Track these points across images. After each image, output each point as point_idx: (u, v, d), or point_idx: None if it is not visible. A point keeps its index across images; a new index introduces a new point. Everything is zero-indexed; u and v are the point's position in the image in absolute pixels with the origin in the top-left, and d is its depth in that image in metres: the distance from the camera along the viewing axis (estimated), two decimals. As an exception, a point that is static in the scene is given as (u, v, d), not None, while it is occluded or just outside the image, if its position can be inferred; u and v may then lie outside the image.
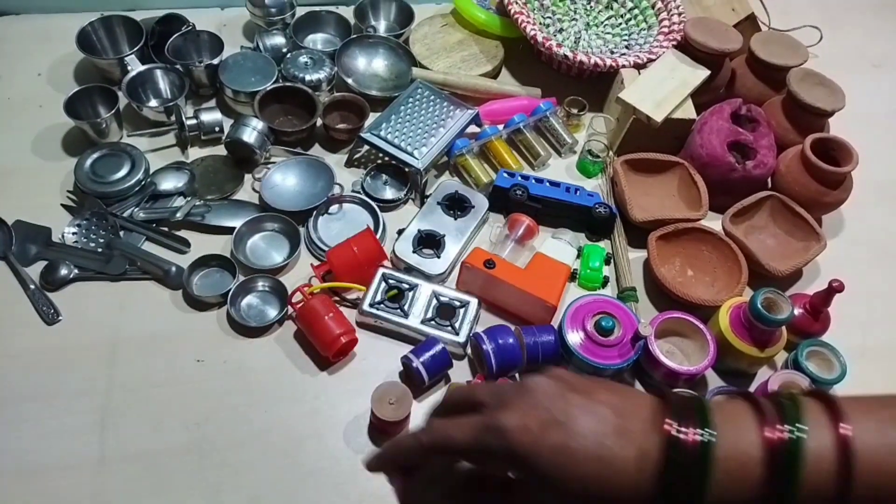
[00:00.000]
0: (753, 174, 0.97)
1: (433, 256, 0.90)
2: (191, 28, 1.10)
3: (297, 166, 0.98)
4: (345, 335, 0.80)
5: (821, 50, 1.19)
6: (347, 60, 1.12)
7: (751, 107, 1.01)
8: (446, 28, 1.18)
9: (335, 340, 0.80)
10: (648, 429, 0.39)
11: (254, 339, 0.84)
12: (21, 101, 1.06)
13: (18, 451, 0.74)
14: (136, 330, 0.83)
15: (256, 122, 0.97)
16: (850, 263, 0.98)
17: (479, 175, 0.99)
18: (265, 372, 0.81)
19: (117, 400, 0.78)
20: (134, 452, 0.74)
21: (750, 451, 0.38)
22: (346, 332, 0.81)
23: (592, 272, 0.92)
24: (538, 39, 1.07)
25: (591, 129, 1.05)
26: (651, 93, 0.99)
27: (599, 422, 0.40)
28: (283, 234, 0.93)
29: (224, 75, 1.03)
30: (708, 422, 0.38)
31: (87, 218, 0.91)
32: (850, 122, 1.04)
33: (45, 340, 0.82)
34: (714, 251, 0.93)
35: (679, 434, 0.38)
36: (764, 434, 0.38)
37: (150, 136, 1.01)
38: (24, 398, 0.77)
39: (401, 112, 1.00)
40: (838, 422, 0.38)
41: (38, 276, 0.86)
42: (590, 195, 0.97)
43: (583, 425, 0.39)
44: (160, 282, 0.87)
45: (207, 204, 0.94)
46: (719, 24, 1.07)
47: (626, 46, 1.17)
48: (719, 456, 0.38)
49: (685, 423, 0.38)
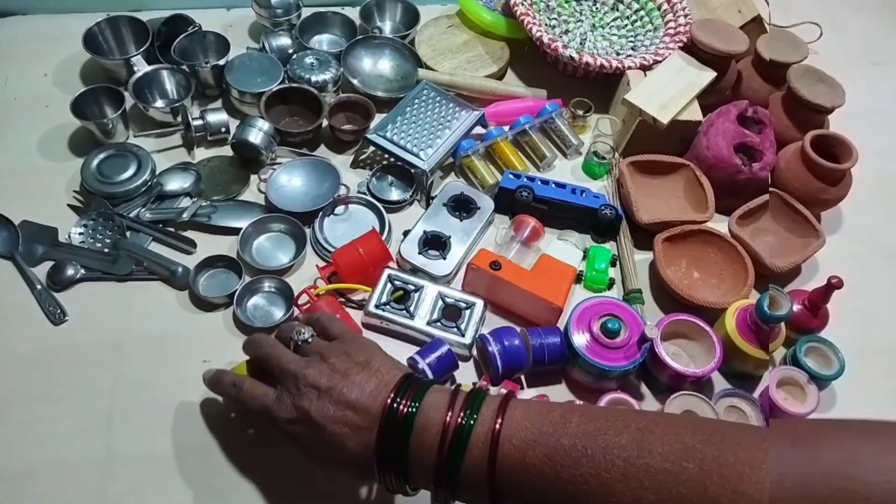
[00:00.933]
0: (760, 176, 0.97)
1: (439, 258, 0.90)
2: (197, 29, 1.10)
3: (302, 167, 0.99)
4: None
5: (821, 46, 1.19)
6: (353, 61, 1.12)
7: (757, 109, 1.01)
8: (452, 29, 1.18)
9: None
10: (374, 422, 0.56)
11: (260, 339, 0.84)
12: (27, 102, 1.06)
13: (24, 450, 0.74)
14: (142, 330, 0.83)
15: (262, 123, 0.97)
16: (849, 260, 0.98)
17: (485, 176, 0.99)
18: (271, 373, 0.81)
19: (124, 400, 0.78)
20: (140, 453, 0.74)
21: (433, 428, 0.53)
22: None
23: (598, 274, 0.92)
24: (544, 41, 1.07)
25: (597, 130, 1.05)
26: (657, 94, 0.99)
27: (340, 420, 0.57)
28: (289, 234, 0.93)
29: (230, 76, 1.03)
30: (418, 399, 0.55)
31: (93, 218, 0.91)
32: (850, 119, 1.04)
33: (52, 340, 0.82)
34: (720, 253, 0.93)
35: (395, 405, 0.55)
36: (445, 416, 0.53)
37: (157, 136, 1.02)
38: (31, 398, 0.77)
39: (406, 113, 1.00)
40: (497, 416, 0.52)
41: (44, 276, 0.86)
42: (595, 197, 0.97)
43: (329, 425, 0.57)
44: (166, 282, 0.87)
45: (213, 204, 0.94)
46: (726, 25, 1.07)
47: (632, 48, 1.17)
48: (416, 426, 0.54)
49: (405, 398, 0.56)
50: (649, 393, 0.84)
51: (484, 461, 0.51)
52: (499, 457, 0.50)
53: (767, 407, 0.80)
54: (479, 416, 0.53)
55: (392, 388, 0.58)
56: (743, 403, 0.81)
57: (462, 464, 0.52)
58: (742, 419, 0.80)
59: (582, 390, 0.83)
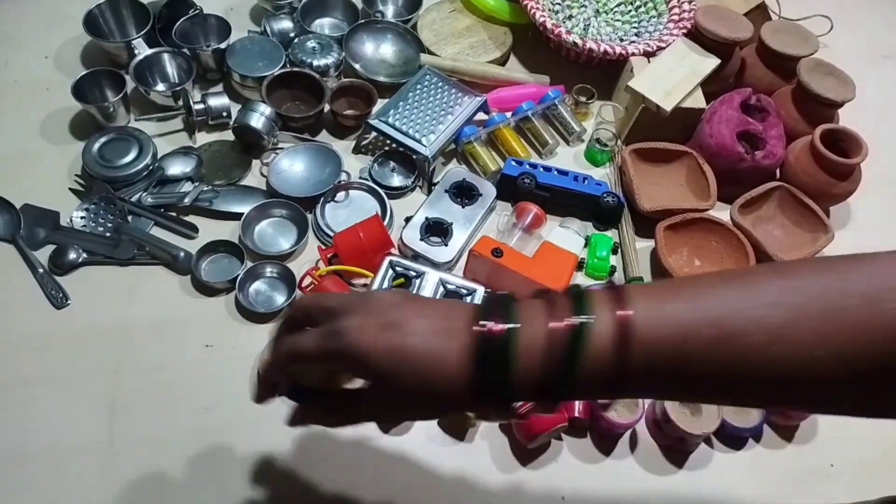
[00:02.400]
0: (762, 164, 0.97)
1: (440, 244, 0.90)
2: (198, 12, 1.09)
3: (304, 152, 0.98)
4: None
5: (831, 40, 1.18)
6: (355, 46, 1.12)
7: (760, 96, 1.00)
8: (454, 14, 1.17)
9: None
10: (468, 325, 0.45)
11: (262, 324, 0.84)
12: (28, 85, 1.05)
13: (28, 434, 0.74)
14: (144, 315, 0.84)
15: (264, 108, 0.97)
16: (858, 255, 0.98)
17: (487, 163, 0.99)
18: (273, 358, 0.82)
19: (126, 384, 0.78)
20: (143, 436, 0.75)
21: (538, 337, 0.44)
22: None
23: (600, 261, 0.92)
24: (547, 26, 1.06)
25: (600, 117, 1.04)
26: (660, 81, 0.99)
27: (429, 323, 0.46)
28: (290, 220, 0.93)
29: (231, 60, 1.03)
30: (511, 316, 0.45)
31: (95, 202, 0.91)
32: (860, 113, 1.04)
33: (54, 324, 0.82)
34: (722, 241, 0.93)
35: (487, 327, 0.45)
36: (549, 324, 0.44)
37: (158, 120, 1.01)
38: (34, 382, 0.78)
39: (409, 99, 1.00)
40: (620, 307, 0.44)
41: (46, 260, 0.86)
42: (598, 184, 0.96)
43: (415, 326, 0.46)
44: (168, 267, 0.88)
45: (215, 189, 0.94)
46: (730, 12, 1.07)
47: (635, 34, 1.16)
48: (519, 343, 0.44)
49: (494, 318, 0.45)
50: (649, 380, 0.84)
51: (610, 351, 0.44)
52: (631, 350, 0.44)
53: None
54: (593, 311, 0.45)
55: (474, 306, 0.48)
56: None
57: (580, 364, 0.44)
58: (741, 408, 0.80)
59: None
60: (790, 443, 0.81)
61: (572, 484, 0.76)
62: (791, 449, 0.81)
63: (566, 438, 0.79)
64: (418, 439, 0.77)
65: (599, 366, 0.44)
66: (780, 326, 0.42)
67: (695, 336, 0.43)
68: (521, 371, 0.45)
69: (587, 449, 0.78)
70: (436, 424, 0.78)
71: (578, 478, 0.76)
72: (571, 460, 0.78)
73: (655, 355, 0.44)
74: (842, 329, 0.42)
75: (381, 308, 0.47)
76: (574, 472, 0.77)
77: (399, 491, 0.74)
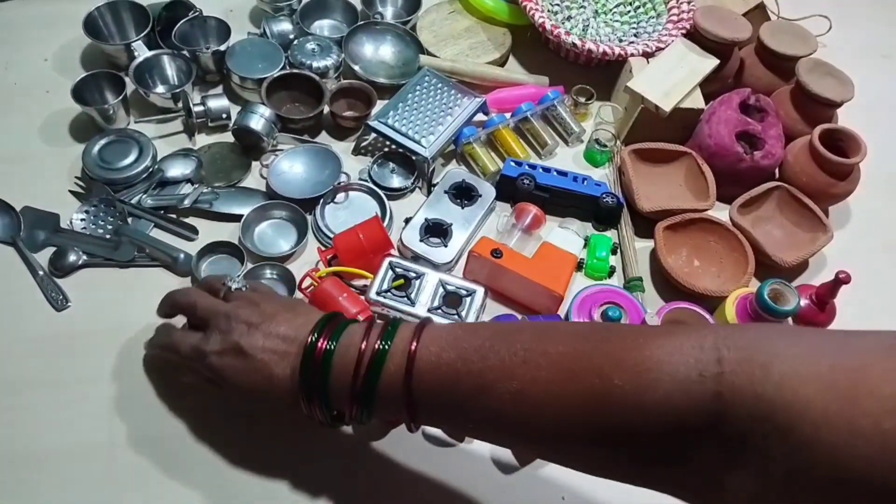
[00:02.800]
0: (761, 164, 0.97)
1: (440, 245, 0.90)
2: (198, 14, 1.09)
3: (304, 154, 0.98)
4: (361, 313, 0.81)
5: (830, 40, 1.18)
6: (355, 47, 1.12)
7: (759, 97, 1.01)
8: (454, 15, 1.18)
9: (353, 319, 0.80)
10: (301, 345, 0.59)
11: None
12: (28, 87, 1.05)
13: (27, 436, 0.74)
14: (145, 316, 0.83)
15: (264, 110, 0.97)
16: (857, 255, 0.98)
17: (487, 164, 0.99)
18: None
19: (126, 386, 0.78)
20: (144, 438, 0.75)
21: (351, 355, 0.57)
22: (363, 311, 0.82)
23: (599, 262, 0.92)
24: (546, 27, 1.07)
25: (599, 118, 1.04)
26: (659, 82, 0.99)
27: (270, 349, 0.61)
28: (290, 221, 0.93)
29: (231, 62, 1.03)
30: (336, 336, 0.59)
31: (94, 204, 0.91)
32: (859, 113, 1.04)
33: (55, 326, 0.82)
34: (721, 242, 0.93)
35: (313, 342, 0.59)
36: (360, 344, 0.57)
37: (158, 122, 1.01)
38: (34, 384, 0.78)
39: (408, 100, 1.00)
40: (412, 340, 0.55)
41: (46, 262, 0.86)
42: (597, 185, 0.97)
43: (258, 355, 0.60)
44: (168, 268, 0.88)
45: (215, 191, 0.94)
46: (729, 12, 1.07)
47: (634, 35, 1.17)
48: (335, 360, 0.58)
49: (323, 336, 0.59)
50: (649, 380, 0.84)
51: (401, 376, 0.55)
52: (415, 366, 0.55)
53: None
54: (394, 340, 0.57)
55: (313, 326, 0.61)
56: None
57: (378, 383, 0.56)
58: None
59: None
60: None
61: (572, 484, 0.76)
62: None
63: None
64: (417, 440, 0.77)
65: (393, 388, 0.55)
66: (523, 383, 0.50)
67: (460, 384, 0.53)
68: (334, 382, 0.58)
69: (587, 449, 0.78)
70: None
71: (578, 478, 0.76)
72: (571, 461, 0.78)
73: (430, 394, 0.55)
74: (571, 393, 0.49)
75: (236, 333, 0.62)
76: (574, 473, 0.76)
77: (398, 491, 0.74)
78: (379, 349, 0.56)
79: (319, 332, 0.59)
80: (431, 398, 0.55)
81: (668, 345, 0.46)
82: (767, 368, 0.41)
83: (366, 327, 0.59)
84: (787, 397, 0.39)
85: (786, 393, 0.39)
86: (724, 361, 0.43)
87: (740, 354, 0.42)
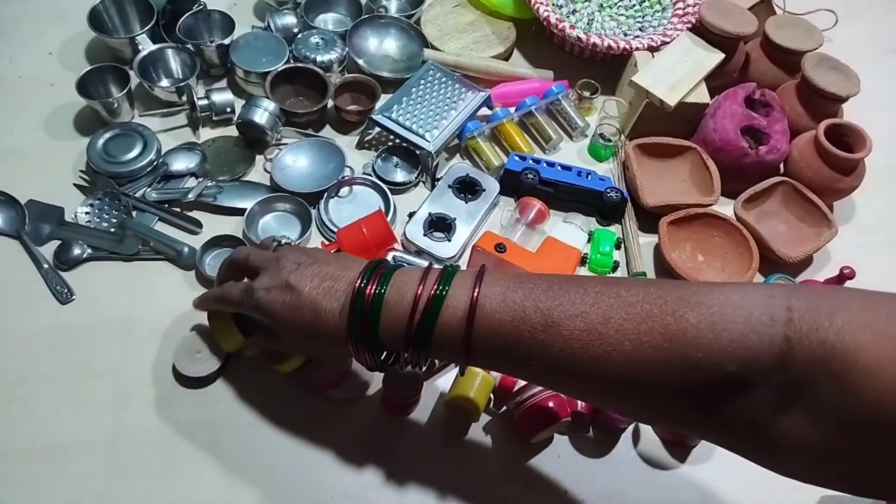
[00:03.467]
0: (766, 159, 0.96)
1: (444, 240, 0.90)
2: (202, 7, 1.09)
3: (308, 148, 0.99)
4: None
5: (836, 34, 1.18)
6: (359, 41, 1.12)
7: (765, 91, 1.00)
8: (458, 9, 1.17)
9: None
10: (350, 286, 0.59)
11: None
12: (32, 80, 1.05)
13: (33, 429, 0.75)
14: (149, 310, 0.84)
15: (268, 103, 0.97)
16: (862, 250, 0.97)
17: (491, 158, 0.99)
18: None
19: (131, 379, 0.79)
20: (148, 431, 0.75)
21: (405, 300, 0.56)
22: None
23: (603, 257, 0.92)
24: (551, 21, 1.06)
25: (604, 112, 1.04)
26: (664, 76, 0.99)
27: (317, 286, 0.60)
28: (294, 214, 0.93)
29: (235, 55, 1.03)
30: (385, 281, 0.58)
31: (99, 198, 0.91)
32: (865, 108, 1.03)
33: (59, 320, 0.82)
34: (725, 237, 0.93)
35: (362, 287, 0.58)
36: (417, 289, 0.56)
37: (162, 116, 1.01)
38: (39, 377, 0.78)
39: (412, 94, 1.00)
40: (474, 285, 0.55)
41: (51, 255, 0.87)
42: (601, 179, 0.96)
43: (305, 288, 0.60)
44: (173, 262, 0.88)
45: (219, 185, 0.94)
46: (734, 6, 1.06)
47: (639, 29, 1.16)
48: (387, 303, 0.57)
49: (372, 281, 0.58)
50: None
51: (461, 320, 0.54)
52: (479, 309, 0.54)
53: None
54: (453, 284, 0.56)
55: (362, 269, 0.60)
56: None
57: (436, 327, 0.55)
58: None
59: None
60: (793, 438, 0.81)
61: (575, 479, 0.76)
62: (794, 444, 0.80)
63: (569, 433, 0.79)
64: (420, 435, 0.78)
65: (452, 332, 0.55)
66: (594, 323, 0.50)
67: (527, 319, 0.52)
68: (385, 326, 0.57)
69: (590, 444, 0.79)
70: (437, 421, 0.79)
71: (581, 473, 0.77)
72: (574, 456, 0.78)
73: (495, 331, 0.54)
74: (645, 331, 0.49)
75: (285, 271, 0.62)
76: (577, 468, 0.77)
77: (400, 487, 0.74)
78: (437, 293, 0.55)
79: (368, 277, 0.59)
80: (494, 339, 0.54)
81: (741, 291, 0.49)
82: (832, 316, 0.43)
83: (420, 273, 0.58)
84: (845, 343, 0.42)
85: (845, 338, 0.42)
86: (793, 309, 0.45)
87: (809, 304, 0.45)
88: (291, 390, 0.79)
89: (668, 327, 0.48)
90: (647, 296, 0.51)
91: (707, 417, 0.50)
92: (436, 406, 0.79)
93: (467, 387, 0.75)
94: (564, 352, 0.51)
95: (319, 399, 0.78)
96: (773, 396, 0.45)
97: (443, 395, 0.80)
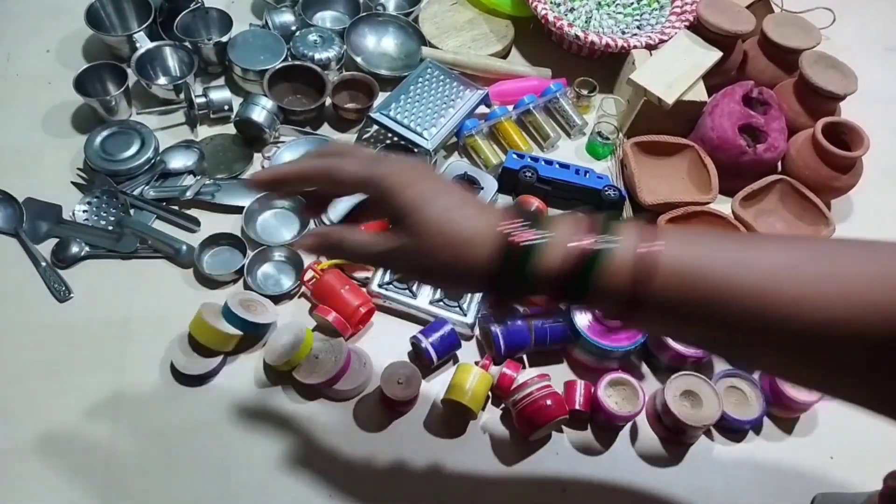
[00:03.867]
0: (764, 157, 0.97)
1: (442, 237, 0.90)
2: (199, 5, 1.09)
3: (306, 145, 0.98)
4: (363, 305, 0.82)
5: (833, 32, 1.18)
6: (357, 39, 1.12)
7: (762, 90, 1.00)
8: (456, 7, 1.17)
9: (355, 312, 0.81)
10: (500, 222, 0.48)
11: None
12: (30, 78, 1.05)
13: (31, 427, 0.75)
14: (147, 307, 0.84)
15: (266, 101, 0.97)
16: (859, 248, 0.97)
17: (489, 156, 0.99)
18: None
19: (130, 377, 0.79)
20: (147, 429, 0.75)
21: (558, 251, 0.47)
22: (364, 303, 0.82)
23: (601, 254, 0.92)
24: (549, 19, 1.06)
25: (602, 110, 1.04)
26: (662, 74, 0.99)
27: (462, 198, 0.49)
28: (293, 211, 0.93)
29: (233, 53, 1.03)
30: (540, 226, 0.48)
31: (97, 196, 0.91)
32: (862, 106, 1.03)
33: (57, 317, 0.82)
34: (723, 235, 0.93)
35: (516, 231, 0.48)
36: (573, 239, 0.47)
37: (160, 113, 1.01)
38: (37, 375, 0.78)
39: (410, 92, 1.00)
40: (650, 239, 0.47)
41: (49, 253, 0.87)
42: (599, 177, 0.96)
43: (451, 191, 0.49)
44: (171, 260, 0.88)
45: (217, 183, 0.94)
46: (732, 4, 1.06)
47: (637, 27, 1.16)
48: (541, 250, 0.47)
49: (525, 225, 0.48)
50: (650, 373, 0.84)
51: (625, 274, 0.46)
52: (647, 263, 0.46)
53: (768, 388, 0.80)
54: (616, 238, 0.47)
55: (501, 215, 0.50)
56: (743, 384, 0.81)
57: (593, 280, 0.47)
58: (741, 400, 0.80)
59: (583, 370, 0.83)
60: (790, 435, 0.81)
61: (573, 476, 0.76)
62: (791, 441, 0.81)
63: (567, 431, 0.79)
64: (419, 431, 0.78)
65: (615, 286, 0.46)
66: (808, 279, 0.44)
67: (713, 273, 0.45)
68: (534, 276, 0.47)
69: (588, 441, 0.79)
70: (436, 418, 0.79)
71: (579, 470, 0.77)
72: (572, 452, 0.78)
73: (679, 275, 0.46)
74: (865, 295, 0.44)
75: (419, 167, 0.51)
76: (575, 465, 0.77)
77: (400, 484, 0.74)
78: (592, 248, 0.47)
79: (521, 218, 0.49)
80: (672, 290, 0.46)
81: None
82: None
83: (579, 221, 0.49)
84: None
85: None
86: None
87: None
88: (289, 388, 0.79)
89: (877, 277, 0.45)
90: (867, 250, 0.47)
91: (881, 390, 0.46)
92: (433, 404, 0.79)
93: (462, 386, 0.75)
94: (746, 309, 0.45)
95: (317, 397, 0.78)
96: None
97: (441, 392, 0.80)
